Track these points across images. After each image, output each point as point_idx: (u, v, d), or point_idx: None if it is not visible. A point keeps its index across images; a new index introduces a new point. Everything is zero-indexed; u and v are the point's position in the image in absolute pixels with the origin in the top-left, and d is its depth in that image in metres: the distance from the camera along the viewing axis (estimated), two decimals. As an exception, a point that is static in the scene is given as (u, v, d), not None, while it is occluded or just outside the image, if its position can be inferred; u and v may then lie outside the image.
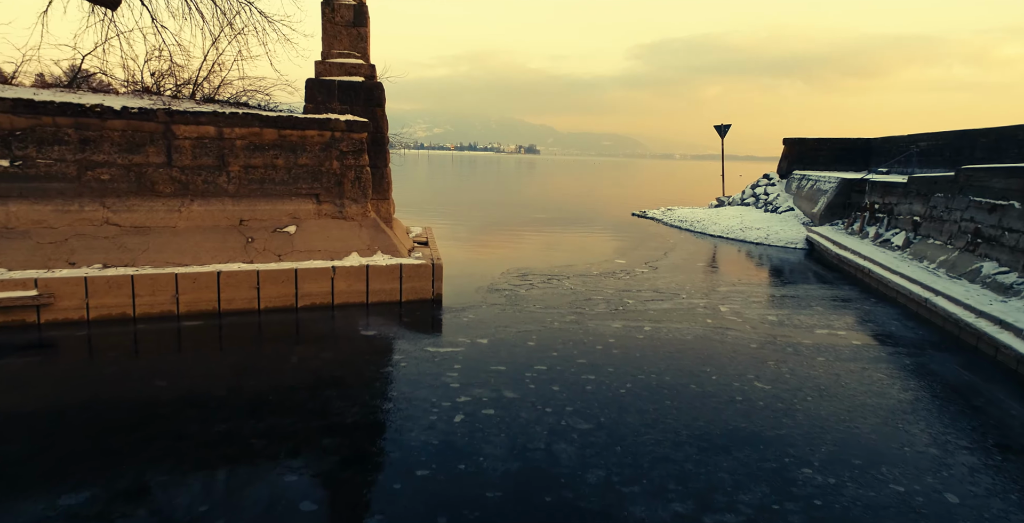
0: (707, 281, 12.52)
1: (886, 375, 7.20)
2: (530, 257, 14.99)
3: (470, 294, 10.79)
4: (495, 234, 19.39)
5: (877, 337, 8.86)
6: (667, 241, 18.47)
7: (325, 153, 10.15)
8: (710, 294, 11.28)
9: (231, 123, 9.45)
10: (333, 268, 9.48)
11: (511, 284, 11.60)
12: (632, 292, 11.27)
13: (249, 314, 8.93)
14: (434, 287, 10.16)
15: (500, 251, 16.02)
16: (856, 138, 24.25)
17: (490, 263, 13.94)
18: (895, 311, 10.36)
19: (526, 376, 6.84)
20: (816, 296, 11.40)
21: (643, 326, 9.00)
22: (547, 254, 15.50)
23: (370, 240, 10.34)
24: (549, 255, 15.31)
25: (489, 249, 16.32)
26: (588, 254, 15.61)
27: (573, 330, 8.71)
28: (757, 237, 18.63)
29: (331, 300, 9.53)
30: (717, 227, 20.51)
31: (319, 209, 10.24)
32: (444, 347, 7.79)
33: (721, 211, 23.68)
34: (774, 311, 10.14)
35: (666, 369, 7.22)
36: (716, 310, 10.10)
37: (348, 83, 10.66)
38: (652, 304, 10.39)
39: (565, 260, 14.46)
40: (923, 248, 12.25)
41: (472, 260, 14.43)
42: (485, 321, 9.07)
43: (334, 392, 6.21)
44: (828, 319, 9.72)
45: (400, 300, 9.98)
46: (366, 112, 10.82)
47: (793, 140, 24.94)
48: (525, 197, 38.01)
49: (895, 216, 14.49)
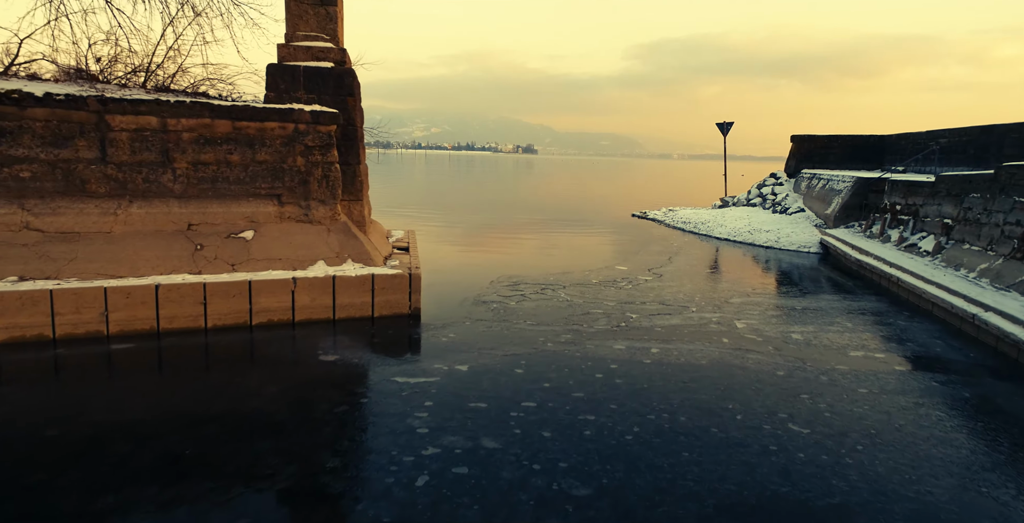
0: (718, 291, 11.31)
1: (945, 414, 5.99)
2: (523, 262, 13.77)
3: (454, 307, 9.58)
4: (487, 236, 18.17)
5: (922, 361, 7.65)
6: (671, 244, 17.27)
7: (288, 148, 8.92)
8: (723, 307, 10.08)
9: (176, 113, 8.21)
10: (294, 279, 8.26)
11: (501, 295, 10.38)
12: (635, 304, 10.06)
13: (194, 334, 7.70)
14: (411, 300, 8.94)
15: (491, 256, 14.80)
16: (868, 135, 23.07)
17: (480, 270, 12.72)
18: (935, 327, 9.16)
19: (511, 417, 5.63)
20: (841, 308, 10.19)
21: (650, 347, 7.79)
22: (542, 259, 14.28)
23: (339, 247, 9.11)
24: (544, 260, 14.09)
25: (480, 254, 15.11)
26: (586, 259, 14.39)
27: (569, 353, 7.49)
28: (767, 240, 17.42)
29: (292, 316, 8.30)
30: (723, 229, 19.31)
31: (281, 211, 9.01)
32: (416, 376, 6.56)
33: (726, 212, 22.48)
34: (798, 328, 8.93)
35: (680, 406, 6.00)
36: (732, 326, 8.90)
37: (315, 69, 9.42)
38: (658, 319, 9.18)
39: (561, 266, 13.25)
40: (958, 254, 11.05)
41: (460, 266, 13.21)
42: (468, 341, 7.85)
43: (269, 443, 4.98)
44: (861, 338, 8.51)
45: (372, 316, 8.75)
46: (336, 102, 9.59)
47: (801, 137, 23.74)
48: (521, 197, 36.80)
49: (921, 218, 13.30)
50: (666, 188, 53.18)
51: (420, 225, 20.26)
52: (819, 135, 23.40)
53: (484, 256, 14.76)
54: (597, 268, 13.15)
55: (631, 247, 16.52)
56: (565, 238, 18.30)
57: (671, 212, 25.05)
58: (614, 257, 14.71)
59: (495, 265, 13.37)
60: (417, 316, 8.95)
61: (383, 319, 8.74)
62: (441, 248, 15.57)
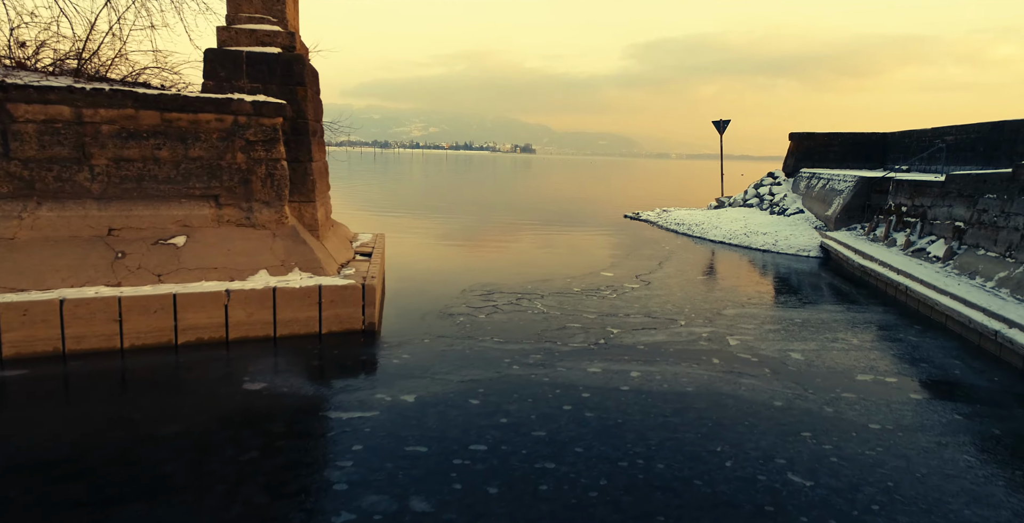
0: (710, 300, 10.35)
1: (975, 458, 5.03)
2: (502, 268, 12.80)
3: (415, 321, 8.61)
4: (469, 239, 17.20)
5: (941, 387, 6.69)
6: (662, 248, 16.30)
7: (226, 143, 7.93)
8: (714, 319, 9.12)
9: (94, 103, 7.23)
10: (227, 292, 7.28)
11: (471, 306, 9.41)
12: (618, 317, 9.10)
13: (105, 356, 6.71)
14: (364, 314, 7.96)
15: (469, 261, 13.83)
16: (870, 133, 22.11)
17: (454, 277, 11.76)
18: (951, 344, 8.20)
19: (454, 465, 4.66)
20: (845, 321, 9.23)
21: (629, 371, 6.82)
22: (523, 265, 13.31)
23: (285, 254, 8.14)
24: (525, 266, 13.12)
25: (457, 258, 14.13)
26: (570, 264, 13.42)
27: (536, 378, 6.52)
28: (764, 243, 16.47)
29: (225, 334, 7.32)
30: (718, 231, 18.35)
31: (218, 214, 8.03)
32: (351, 410, 5.59)
33: (722, 213, 21.53)
34: (798, 345, 7.96)
35: (659, 448, 5.04)
36: (723, 343, 7.94)
37: (260, 55, 8.44)
38: (642, 335, 8.21)
39: (542, 272, 12.28)
40: (972, 261, 10.10)
41: (433, 273, 12.23)
42: (422, 364, 6.87)
43: (142, 506, 4.01)
44: (868, 357, 7.55)
45: (319, 332, 7.77)
46: (284, 92, 8.60)
47: (800, 135, 22.79)
48: (513, 197, 35.84)
49: (929, 221, 12.36)
50: (662, 188, 52.23)
51: (401, 226, 19.33)
52: (819, 133, 22.44)
53: (461, 261, 13.79)
54: (581, 275, 12.18)
55: (620, 251, 15.56)
56: (551, 241, 17.32)
57: (665, 213, 24.10)
58: (600, 262, 13.74)
59: (471, 272, 12.40)
60: (372, 332, 7.98)
61: (332, 336, 7.77)
62: (416, 252, 14.60)
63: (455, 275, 11.96)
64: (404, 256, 13.87)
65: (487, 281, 11.30)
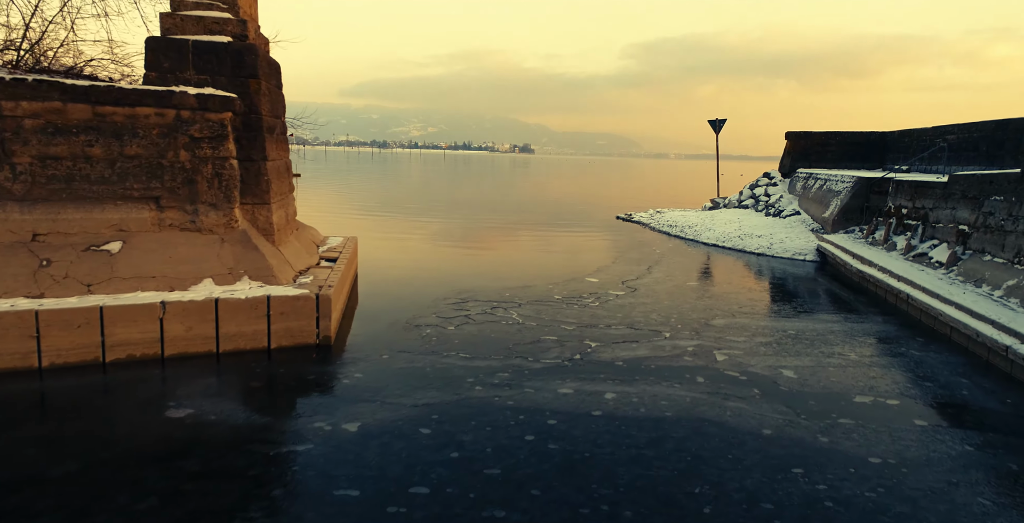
0: (699, 309, 9.70)
1: (992, 503, 4.37)
2: (482, 273, 12.14)
3: (378, 333, 7.95)
4: (452, 242, 16.53)
5: (949, 411, 6.04)
6: (652, 251, 15.65)
7: (168, 140, 7.27)
8: (702, 331, 8.47)
9: (14, 94, 6.56)
10: (163, 304, 6.61)
11: (441, 316, 8.76)
12: (599, 328, 8.45)
13: (18, 377, 6.04)
14: (319, 328, 7.30)
15: (448, 265, 13.17)
16: (869, 132, 21.47)
17: (429, 283, 11.10)
18: (957, 359, 7.56)
19: (386, 515, 4.00)
20: (842, 333, 8.59)
21: (604, 392, 6.17)
22: (503, 270, 12.65)
23: (234, 261, 7.47)
24: (505, 271, 12.46)
25: (436, 263, 13.47)
26: (554, 268, 12.77)
27: (499, 402, 5.87)
28: (758, 247, 15.82)
29: (160, 351, 6.66)
30: (711, 233, 17.70)
31: (160, 218, 7.36)
32: (281, 443, 4.93)
33: (716, 215, 20.89)
34: (791, 360, 7.32)
35: (629, 490, 4.38)
36: (710, 359, 7.28)
37: (207, 44, 7.76)
38: (622, 349, 7.56)
39: (523, 278, 11.62)
40: (978, 267, 9.47)
41: (408, 279, 11.56)
42: (376, 384, 6.21)
43: (-4, 575, 3.36)
44: (867, 374, 6.91)
45: (268, 347, 7.11)
46: (234, 85, 7.93)
47: (797, 134, 22.15)
48: (504, 197, 35.17)
49: (931, 224, 11.72)
50: (658, 188, 51.58)
51: (384, 228, 18.66)
52: (816, 132, 21.80)
53: (440, 266, 13.12)
54: (563, 280, 11.52)
55: (608, 254, 14.90)
56: (537, 244, 16.66)
57: (658, 214, 23.47)
58: (586, 266, 13.08)
59: (448, 277, 11.74)
60: (328, 347, 7.32)
61: (282, 352, 7.10)
62: (394, 256, 13.94)
63: (432, 281, 11.30)
64: (381, 260, 13.21)
65: (464, 287, 10.64)
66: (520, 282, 11.27)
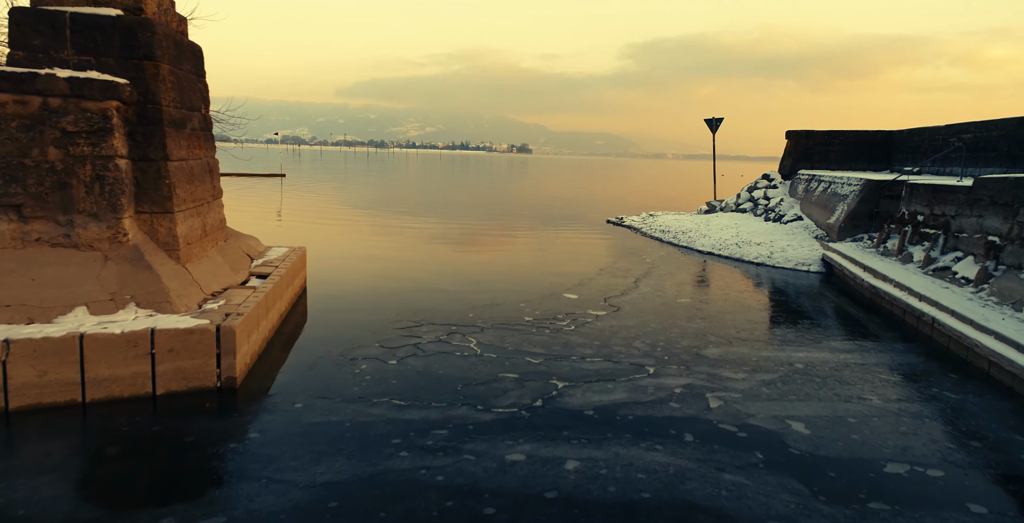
0: (689, 334, 8.34)
1: None
2: (448, 286, 10.76)
3: (301, 371, 6.58)
4: (425, 248, 15.15)
5: (1010, 487, 4.67)
6: (642, 260, 14.29)
7: (31, 135, 5.89)
8: (693, 364, 7.11)
9: None
10: (6, 343, 5.22)
11: (385, 346, 7.39)
12: (570, 361, 7.09)
13: None
14: (221, 367, 5.92)
15: (414, 276, 11.78)
16: (875, 131, 20.16)
17: (385, 300, 9.73)
18: (1003, 405, 6.20)
19: None
20: (859, 366, 7.24)
21: (565, 461, 4.79)
22: (474, 282, 11.27)
23: (119, 284, 6.09)
24: (476, 284, 11.09)
25: (401, 272, 12.08)
26: (530, 282, 11.41)
27: (425, 478, 4.49)
28: (758, 255, 14.47)
29: (3, 403, 5.27)
30: (707, 240, 16.35)
31: (23, 231, 5.97)
32: (102, 553, 3.56)
33: (712, 219, 19.55)
34: (801, 408, 5.95)
35: None
36: (701, 405, 5.93)
37: (90, 18, 6.37)
38: (595, 391, 6.20)
39: (492, 294, 10.26)
40: (1015, 286, 8.12)
41: (363, 294, 10.18)
42: (270, 450, 4.83)
43: None
44: (898, 429, 5.55)
45: (153, 394, 5.73)
46: (125, 68, 6.54)
47: (798, 133, 20.82)
48: (494, 198, 33.77)
49: (954, 234, 10.37)
50: (653, 188, 50.21)
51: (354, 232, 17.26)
52: (818, 131, 20.47)
53: (405, 276, 11.73)
54: (538, 297, 10.16)
55: (592, 264, 13.54)
56: (517, 250, 15.28)
57: (651, 218, 22.13)
58: (566, 279, 11.72)
59: (410, 292, 10.36)
60: (232, 391, 5.94)
61: (172, 399, 5.72)
62: (353, 267, 12.55)
63: (390, 297, 9.92)
64: (339, 271, 11.84)
65: (423, 306, 9.28)
66: (489, 299, 9.90)
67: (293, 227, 18.52)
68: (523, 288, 10.89)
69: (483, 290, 10.62)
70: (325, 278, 11.13)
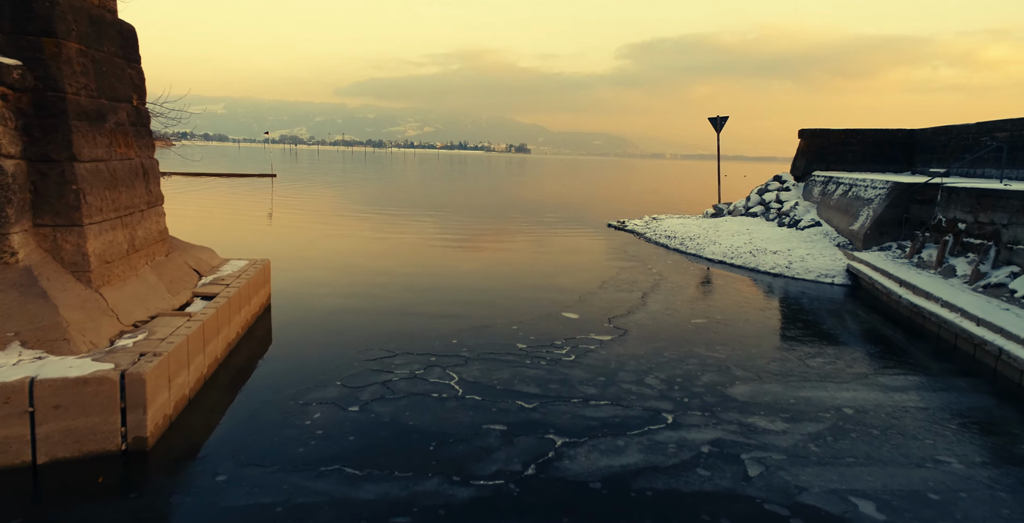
0: (710, 367, 7.09)
1: None
2: (431, 305, 9.49)
3: (239, 422, 5.32)
4: (412, 257, 13.88)
5: None
6: (648, 270, 13.04)
7: None
8: (719, 408, 5.85)
9: None
10: None
11: (348, 386, 6.13)
12: (571, 404, 5.83)
13: None
14: (127, 425, 4.65)
15: (393, 293, 10.50)
16: (895, 129, 18.90)
17: (357, 323, 8.48)
18: (1117, 473, 4.96)
19: None
20: (920, 411, 5.98)
21: (563, 572, 3.54)
22: (462, 299, 10.00)
23: (2, 316, 4.81)
24: (464, 301, 9.82)
25: (380, 289, 10.80)
26: (524, 297, 10.16)
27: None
28: (775, 265, 13.22)
29: None
30: (717, 248, 15.10)
31: None
32: None
33: (721, 224, 18.30)
34: (865, 478, 4.68)
35: None
36: (736, 473, 4.66)
37: (-32, -16, 5.10)
38: (602, 450, 4.94)
39: (482, 313, 9.01)
40: (1097, 312, 6.86)
41: (334, 316, 8.90)
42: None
43: None
44: (998, 513, 4.28)
45: (33, 463, 4.45)
46: (16, 46, 5.27)
47: (812, 132, 19.57)
48: (490, 200, 32.50)
49: (1006, 245, 9.13)
50: (654, 189, 48.92)
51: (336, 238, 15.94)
52: (834, 129, 19.22)
53: (383, 293, 10.45)
54: (533, 316, 8.90)
55: (594, 275, 12.27)
56: (511, 259, 14.01)
57: (654, 221, 20.89)
58: (565, 294, 10.45)
59: (387, 313, 9.10)
60: (142, 455, 4.67)
61: (59, 469, 4.44)
62: (331, 279, 11.27)
63: (363, 320, 8.67)
64: (309, 285, 10.57)
65: (402, 330, 8.03)
66: (477, 320, 8.65)
67: (267, 233, 17.25)
68: (516, 305, 9.63)
69: (471, 307, 9.36)
70: (295, 293, 9.87)
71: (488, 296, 10.33)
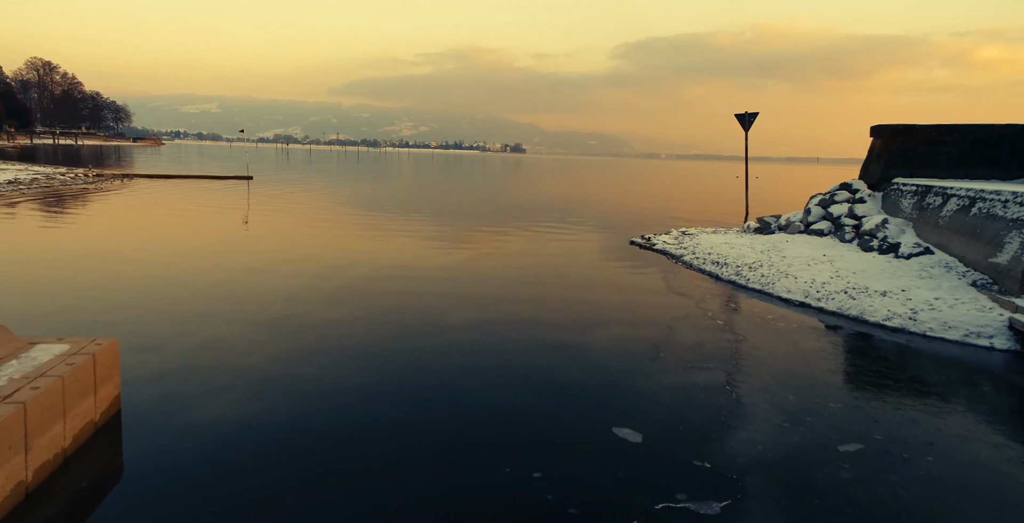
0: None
1: None
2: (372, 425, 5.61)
3: None
4: (365, 309, 9.94)
5: None
6: (713, 323, 9.13)
7: None
8: None
9: None
10: None
11: None
12: None
13: None
14: None
15: (319, 389, 6.59)
16: (1004, 125, 14.96)
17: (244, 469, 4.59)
18: None
19: None
20: None
21: None
22: (425, 403, 6.11)
23: None
24: (427, 410, 5.94)
25: (301, 384, 6.87)
26: (542, 400, 6.26)
27: None
28: (890, 315, 9.33)
29: None
30: (793, 283, 11.20)
31: None
32: None
33: (781, 245, 14.42)
34: None
35: None
36: None
37: None
38: None
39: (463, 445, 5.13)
40: None
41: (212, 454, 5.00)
42: None
43: None
44: None
45: None
46: None
47: (893, 128, 15.70)
48: (483, 207, 28.51)
49: None
50: (665, 192, 44.98)
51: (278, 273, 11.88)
52: (921, 125, 15.37)
53: (305, 389, 6.50)
54: (562, 444, 4.99)
55: (638, 333, 8.35)
56: (509, 309, 10.10)
57: (687, 238, 17.03)
58: (605, 380, 6.53)
59: (297, 438, 5.21)
60: None
61: None
62: (236, 364, 7.32)
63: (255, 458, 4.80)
64: (198, 374, 6.66)
65: (311, 483, 4.14)
66: (452, 462, 4.77)
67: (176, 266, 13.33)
68: (534, 419, 5.75)
69: (441, 432, 5.48)
70: (163, 394, 5.96)
71: (475, 395, 6.43)
